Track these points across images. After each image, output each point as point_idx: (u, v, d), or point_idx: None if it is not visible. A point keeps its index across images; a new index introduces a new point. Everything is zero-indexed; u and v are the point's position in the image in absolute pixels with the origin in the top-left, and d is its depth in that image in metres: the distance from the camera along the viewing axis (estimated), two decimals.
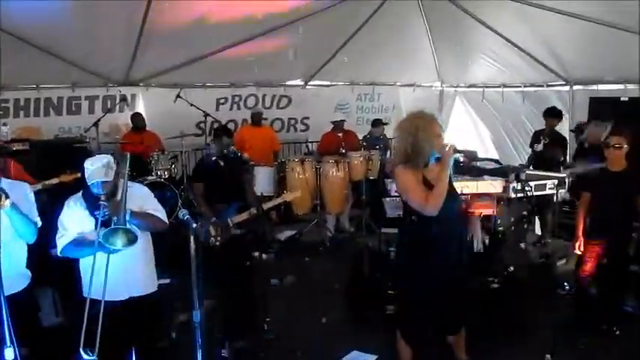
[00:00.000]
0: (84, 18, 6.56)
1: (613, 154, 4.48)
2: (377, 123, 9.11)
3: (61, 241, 3.17)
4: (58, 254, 3.22)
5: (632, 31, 5.94)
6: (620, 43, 6.29)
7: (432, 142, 3.35)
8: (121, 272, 3.13)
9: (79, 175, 4.43)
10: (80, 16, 6.52)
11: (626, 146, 4.43)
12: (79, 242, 3.16)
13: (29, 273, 3.34)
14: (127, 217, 2.96)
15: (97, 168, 3.12)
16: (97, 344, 2.76)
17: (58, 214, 3.28)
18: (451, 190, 3.48)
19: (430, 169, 3.41)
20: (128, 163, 3.24)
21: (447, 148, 3.33)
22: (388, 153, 9.01)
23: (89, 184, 3.14)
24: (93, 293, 3.03)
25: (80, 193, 3.30)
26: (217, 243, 4.64)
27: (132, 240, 2.90)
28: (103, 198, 3.03)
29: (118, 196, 3.13)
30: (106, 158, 3.20)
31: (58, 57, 7.24)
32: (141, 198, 3.36)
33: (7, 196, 2.66)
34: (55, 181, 4.81)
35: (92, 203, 3.14)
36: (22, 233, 3.09)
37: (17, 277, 3.22)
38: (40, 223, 3.19)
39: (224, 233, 4.71)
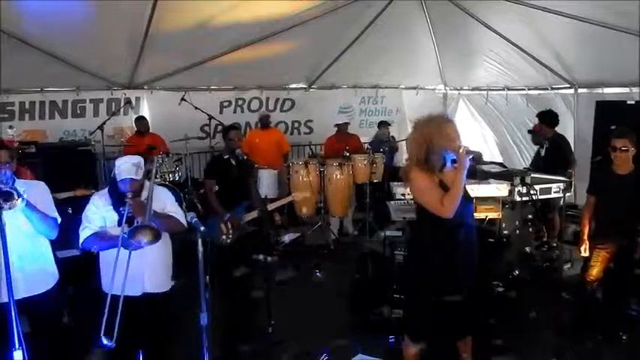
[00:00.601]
0: (88, 21, 6.56)
1: (620, 157, 4.46)
2: (383, 125, 9.14)
3: (84, 232, 3.26)
4: (80, 246, 3.30)
5: (636, 33, 5.92)
6: (625, 46, 6.26)
7: (445, 146, 3.32)
8: (140, 268, 3.19)
9: (93, 192, 4.48)
10: (85, 18, 6.52)
11: (632, 149, 4.42)
12: (102, 236, 3.25)
13: (56, 271, 3.37)
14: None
15: (128, 166, 3.27)
16: (115, 334, 2.81)
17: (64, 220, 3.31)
18: (464, 192, 3.47)
19: (446, 171, 3.38)
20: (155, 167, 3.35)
21: (460, 150, 3.31)
22: (396, 154, 9.06)
23: (118, 180, 3.26)
24: (113, 289, 3.12)
25: (106, 190, 3.43)
26: (228, 241, 4.68)
27: (156, 237, 3.00)
28: (129, 196, 3.17)
29: (143, 196, 3.30)
30: (137, 158, 3.37)
31: (62, 60, 7.25)
32: (163, 200, 3.47)
33: (19, 196, 2.70)
34: (69, 194, 4.84)
35: (118, 200, 3.27)
36: (42, 230, 3.16)
37: (43, 275, 3.28)
38: (59, 219, 3.24)
39: (235, 230, 4.74)
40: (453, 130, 3.37)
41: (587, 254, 4.68)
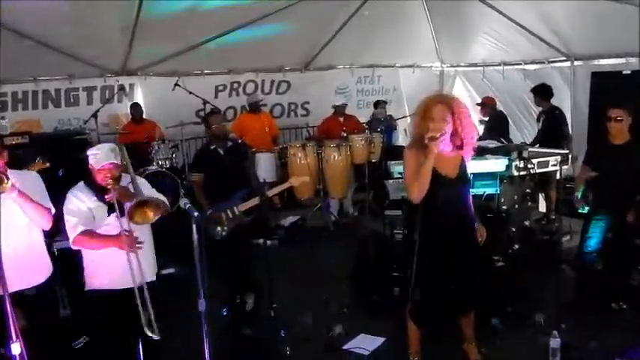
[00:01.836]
0: (78, 8, 6.49)
1: (614, 128, 4.46)
2: (379, 104, 9.10)
3: (77, 229, 3.17)
4: (71, 245, 3.23)
5: (632, 3, 5.86)
6: (620, 17, 6.21)
7: (427, 125, 3.26)
8: (133, 258, 3.17)
9: (47, 164, 4.42)
10: (75, 5, 6.45)
11: (628, 118, 4.40)
12: (94, 234, 3.19)
13: (50, 264, 3.34)
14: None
15: (105, 152, 3.21)
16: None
17: (57, 205, 3.30)
18: (462, 175, 3.43)
19: (440, 153, 3.30)
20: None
21: (427, 136, 3.21)
22: (394, 132, 9.04)
23: (98, 168, 3.18)
24: (104, 284, 3.19)
25: (82, 184, 3.32)
26: (224, 234, 4.58)
27: (158, 209, 3.07)
28: (111, 182, 3.12)
29: (123, 182, 3.25)
30: (110, 145, 3.33)
31: (54, 48, 7.19)
32: (143, 185, 3.42)
33: (7, 178, 2.68)
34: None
35: (99, 190, 3.21)
36: (37, 220, 3.13)
37: (37, 267, 3.25)
38: (54, 210, 3.21)
39: (230, 222, 4.66)
40: (439, 110, 3.26)
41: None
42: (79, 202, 3.22)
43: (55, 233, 3.44)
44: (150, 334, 3.00)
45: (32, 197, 3.01)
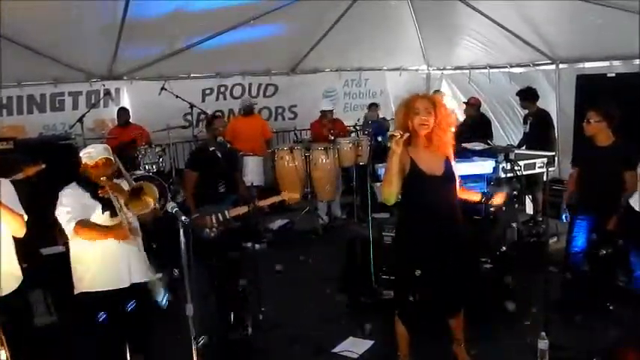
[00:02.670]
0: (63, 11, 6.43)
1: (587, 129, 4.52)
2: (372, 106, 9.16)
3: (74, 218, 3.18)
4: (70, 235, 3.25)
5: (616, 7, 5.93)
6: (605, 20, 6.28)
7: (411, 119, 3.29)
8: (126, 258, 3.17)
9: (43, 166, 4.38)
10: (60, 9, 6.39)
11: (597, 120, 4.42)
12: (89, 223, 3.21)
13: (20, 274, 3.30)
14: None
15: (99, 150, 3.31)
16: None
17: (43, 211, 3.26)
18: (447, 172, 3.42)
19: (420, 148, 3.33)
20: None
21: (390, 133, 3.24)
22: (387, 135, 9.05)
23: (92, 164, 3.25)
24: (95, 285, 3.17)
25: (74, 184, 3.35)
26: (212, 235, 4.57)
27: (161, 190, 3.08)
28: (104, 178, 3.18)
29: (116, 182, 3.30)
30: (103, 144, 3.50)
31: (38, 53, 7.11)
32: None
33: None
34: (20, 176, 4.66)
35: (92, 188, 3.25)
36: (14, 227, 3.09)
37: (11, 275, 3.20)
38: (26, 217, 3.17)
39: (220, 225, 4.64)
40: (421, 103, 3.28)
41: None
42: (72, 198, 3.25)
43: (42, 239, 3.39)
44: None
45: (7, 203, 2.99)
